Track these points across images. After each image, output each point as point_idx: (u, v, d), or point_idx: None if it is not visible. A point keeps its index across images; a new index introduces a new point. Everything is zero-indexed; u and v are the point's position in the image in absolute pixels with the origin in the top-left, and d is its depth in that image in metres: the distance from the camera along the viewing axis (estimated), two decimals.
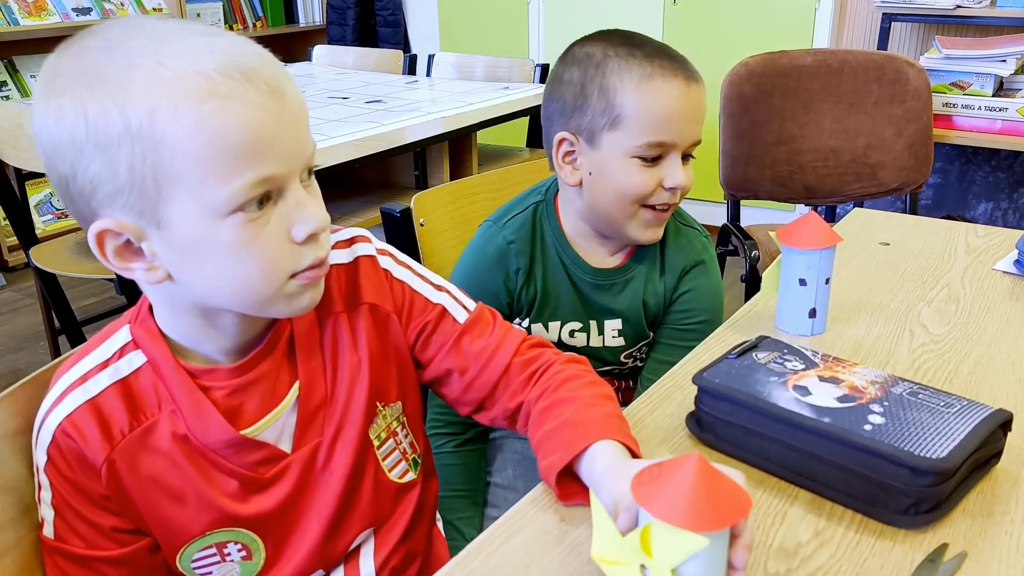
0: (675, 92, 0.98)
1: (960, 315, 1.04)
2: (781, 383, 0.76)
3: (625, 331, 1.12)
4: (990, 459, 0.73)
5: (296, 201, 0.66)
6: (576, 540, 0.67)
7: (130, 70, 0.60)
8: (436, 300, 0.84)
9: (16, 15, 3.43)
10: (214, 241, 0.64)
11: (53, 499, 0.72)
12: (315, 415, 0.77)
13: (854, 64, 2.30)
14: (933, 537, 0.66)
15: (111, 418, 0.71)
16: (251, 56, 0.63)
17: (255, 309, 0.70)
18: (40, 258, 2.32)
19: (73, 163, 0.62)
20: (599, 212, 1.05)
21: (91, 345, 0.74)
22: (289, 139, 0.65)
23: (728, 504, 0.52)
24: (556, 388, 0.79)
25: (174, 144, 0.60)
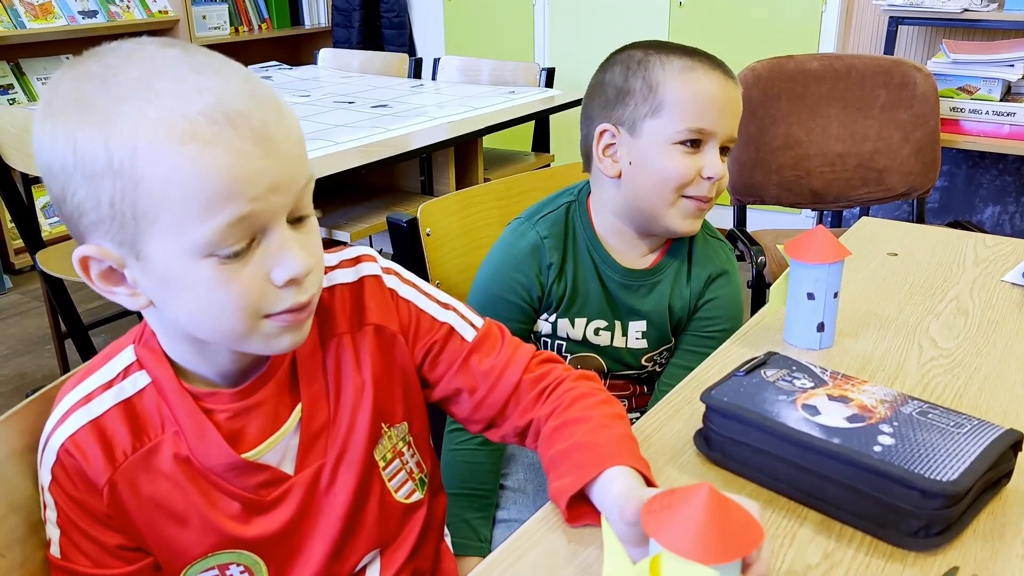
0: (715, 82, 1.02)
1: (969, 328, 1.04)
2: (790, 402, 0.76)
3: (649, 333, 1.14)
4: (1000, 480, 0.73)
5: (279, 244, 0.65)
6: (585, 561, 0.67)
7: (119, 104, 0.60)
8: (443, 319, 0.83)
9: (22, 18, 3.44)
10: (191, 279, 0.63)
11: (58, 518, 0.72)
12: (318, 437, 0.77)
13: (861, 69, 2.29)
14: (944, 560, 0.66)
15: (114, 439, 0.71)
16: (241, 99, 0.62)
17: (231, 344, 0.70)
18: (46, 262, 2.32)
19: (63, 187, 0.63)
20: (639, 202, 1.07)
21: (95, 364, 0.74)
22: (272, 185, 0.63)
23: (738, 535, 0.51)
24: (568, 407, 0.79)
25: (152, 185, 0.60)
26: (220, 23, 4.14)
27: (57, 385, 0.77)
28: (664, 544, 0.51)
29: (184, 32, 3.86)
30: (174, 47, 0.64)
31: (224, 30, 4.16)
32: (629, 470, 0.70)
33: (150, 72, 0.62)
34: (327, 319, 0.78)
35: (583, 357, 1.15)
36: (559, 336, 1.14)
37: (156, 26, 3.86)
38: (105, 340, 2.80)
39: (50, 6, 3.53)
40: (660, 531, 0.51)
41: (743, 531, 0.52)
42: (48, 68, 3.66)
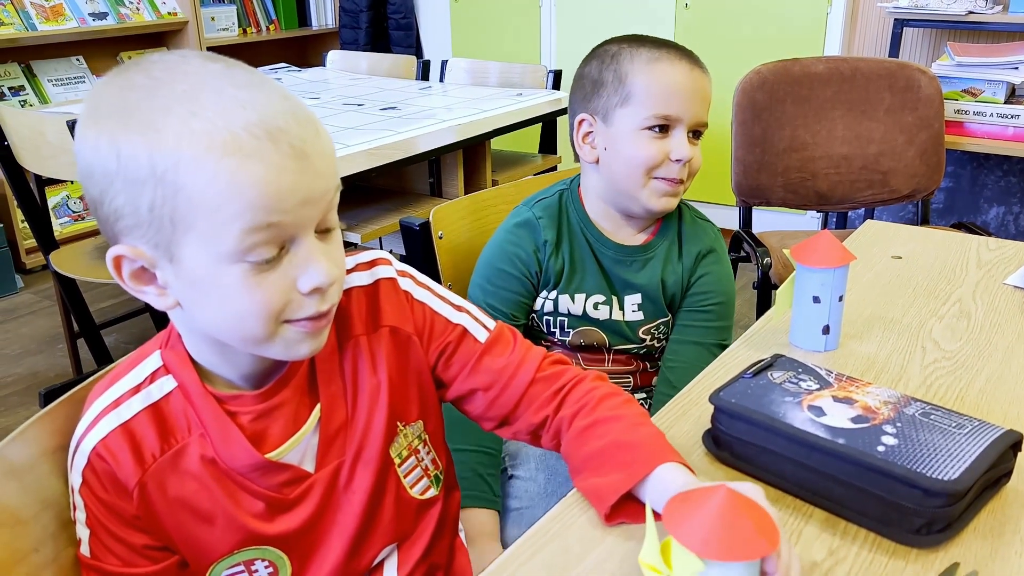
0: (680, 72, 1.11)
1: (972, 331, 1.06)
2: (796, 403, 0.78)
3: (644, 306, 1.21)
4: (1000, 479, 0.75)
5: (307, 254, 0.68)
6: (599, 558, 0.69)
7: (164, 115, 0.63)
8: (456, 320, 0.86)
9: (34, 20, 3.47)
10: (220, 284, 0.66)
11: (88, 519, 0.74)
12: (336, 436, 0.80)
13: (866, 71, 2.31)
14: (945, 556, 0.68)
15: (143, 442, 0.74)
16: (281, 116, 0.65)
17: (251, 348, 0.72)
18: (59, 262, 2.35)
19: (102, 191, 0.65)
20: (616, 185, 1.16)
21: (123, 369, 0.77)
22: (304, 199, 0.66)
23: (745, 541, 0.53)
24: (595, 406, 0.81)
25: (192, 194, 0.63)
26: (229, 24, 4.17)
27: (86, 387, 0.79)
28: (672, 532, 0.54)
29: (193, 33, 3.89)
30: (217, 62, 0.67)
31: (232, 31, 4.19)
32: (679, 466, 0.73)
33: (195, 85, 0.64)
34: (344, 321, 0.80)
35: (585, 331, 1.21)
36: (561, 312, 1.20)
37: (165, 27, 3.89)
38: (116, 340, 2.83)
39: (61, 8, 3.56)
40: (673, 520, 0.54)
41: (750, 538, 0.53)
42: (59, 69, 3.69)
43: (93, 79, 3.77)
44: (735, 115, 2.26)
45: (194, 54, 0.68)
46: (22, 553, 0.70)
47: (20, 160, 2.27)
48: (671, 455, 0.74)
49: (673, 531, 0.55)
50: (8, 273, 3.24)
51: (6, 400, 2.53)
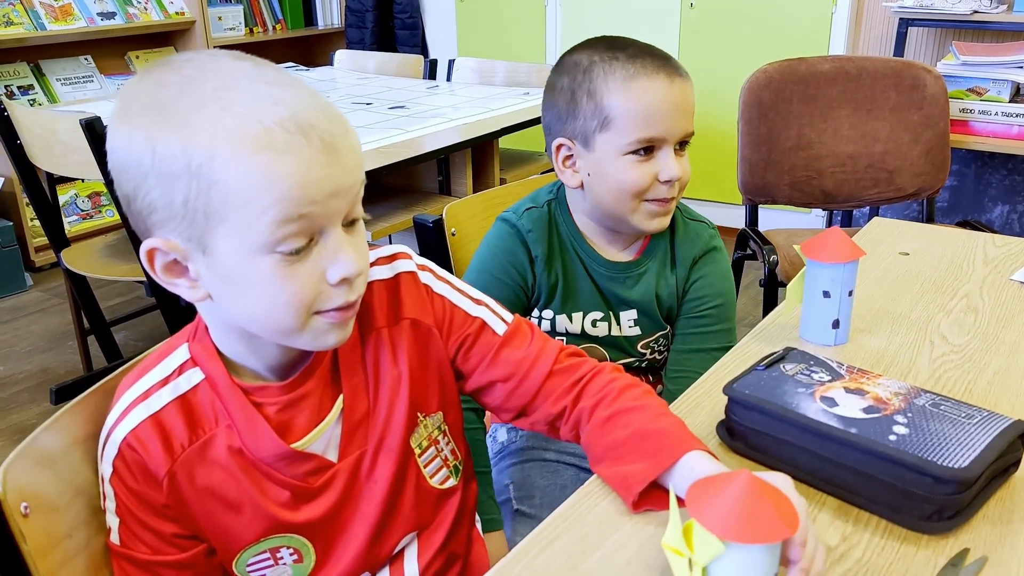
0: (659, 88, 1.04)
1: (979, 326, 1.08)
2: (809, 394, 0.80)
3: (640, 321, 1.18)
4: (1008, 468, 0.76)
5: (335, 245, 0.70)
6: (617, 543, 0.71)
7: (198, 111, 0.65)
8: (476, 314, 0.87)
9: (43, 20, 3.49)
10: (252, 275, 0.68)
11: (117, 508, 0.76)
12: (359, 427, 0.81)
13: (872, 71, 2.32)
14: (955, 542, 0.70)
15: (172, 432, 0.76)
16: (311, 111, 0.67)
17: (281, 339, 0.74)
18: (71, 260, 2.37)
19: (136, 186, 0.67)
20: (603, 209, 1.11)
21: (152, 362, 0.79)
22: (333, 191, 0.68)
23: (765, 524, 0.55)
24: (616, 397, 0.82)
25: (226, 187, 0.65)
26: (235, 24, 4.19)
27: (115, 378, 0.81)
28: (693, 514, 0.55)
29: (200, 33, 3.91)
30: (246, 60, 0.69)
31: (239, 31, 4.21)
32: (705, 454, 0.74)
33: (227, 83, 0.66)
34: (366, 314, 0.82)
35: (586, 349, 1.18)
36: (559, 332, 1.18)
37: (173, 27, 3.91)
38: (126, 337, 2.85)
39: (70, 8, 3.59)
40: (695, 502, 0.56)
41: (770, 522, 0.55)
42: (67, 69, 3.71)
43: (101, 78, 3.79)
44: (741, 114, 2.28)
45: (223, 53, 0.70)
46: (57, 538, 0.72)
47: (32, 158, 2.29)
48: (696, 443, 0.75)
49: (695, 514, 0.56)
50: (17, 271, 3.26)
51: (18, 396, 2.55)
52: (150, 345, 0.83)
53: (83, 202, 3.67)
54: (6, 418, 2.44)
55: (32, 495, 0.70)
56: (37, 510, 0.70)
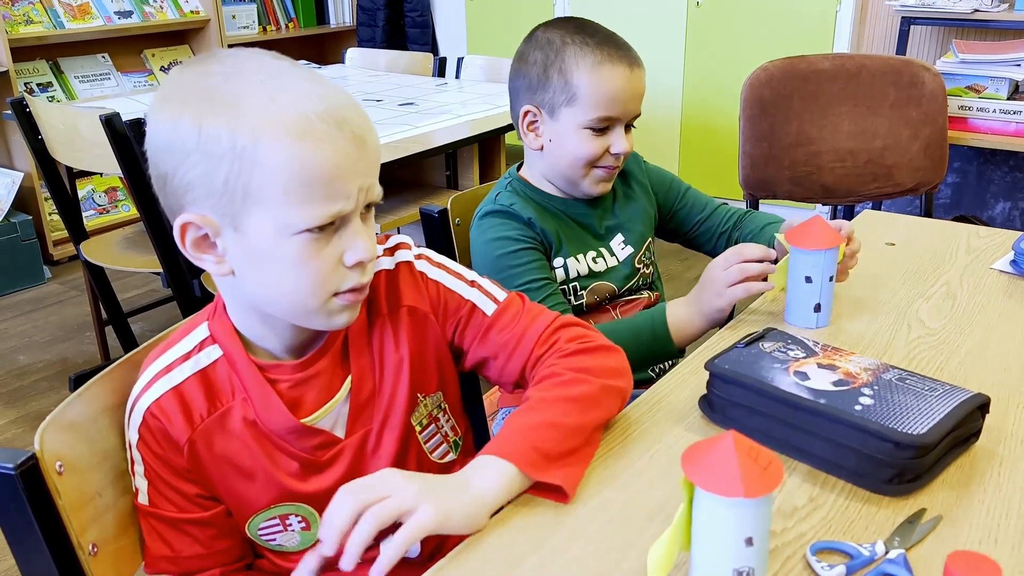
0: (621, 76, 1.20)
1: (956, 311, 1.13)
2: (783, 369, 0.86)
3: (629, 238, 1.33)
4: (969, 438, 0.82)
5: (353, 231, 0.77)
6: (604, 499, 0.77)
7: (246, 99, 0.71)
8: (467, 296, 0.92)
9: (62, 18, 3.57)
10: (278, 253, 0.74)
11: (146, 471, 0.83)
12: (365, 406, 0.88)
13: (872, 68, 2.37)
14: (914, 503, 0.75)
15: (192, 404, 0.82)
16: (345, 107, 0.74)
17: (298, 319, 0.80)
18: (90, 252, 2.44)
19: (176, 164, 0.73)
20: (557, 171, 1.27)
21: (175, 338, 0.85)
22: (360, 180, 0.75)
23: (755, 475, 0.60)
24: (536, 384, 0.86)
25: (267, 169, 0.71)
26: (249, 22, 4.27)
27: (142, 351, 0.88)
28: (695, 481, 0.61)
29: (214, 31, 3.98)
30: (283, 59, 0.77)
31: (253, 29, 4.29)
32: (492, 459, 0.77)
33: (271, 76, 0.73)
34: (373, 302, 0.88)
35: (595, 287, 1.29)
36: (571, 278, 1.28)
37: (188, 25, 3.99)
38: (142, 328, 2.93)
39: (88, 7, 3.67)
40: (694, 471, 0.61)
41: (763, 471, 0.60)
42: (85, 66, 3.79)
43: (118, 76, 3.87)
44: (743, 110, 2.33)
45: (260, 52, 0.78)
46: (88, 496, 0.79)
47: (53, 153, 2.37)
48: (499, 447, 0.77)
49: (691, 476, 0.61)
50: (36, 264, 3.34)
51: (38, 385, 2.63)
52: None
53: (100, 197, 3.75)
54: (27, 405, 2.52)
55: (65, 456, 0.76)
56: (70, 470, 0.76)
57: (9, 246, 3.24)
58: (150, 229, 2.19)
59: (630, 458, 0.83)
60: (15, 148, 3.42)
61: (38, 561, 0.74)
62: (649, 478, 0.80)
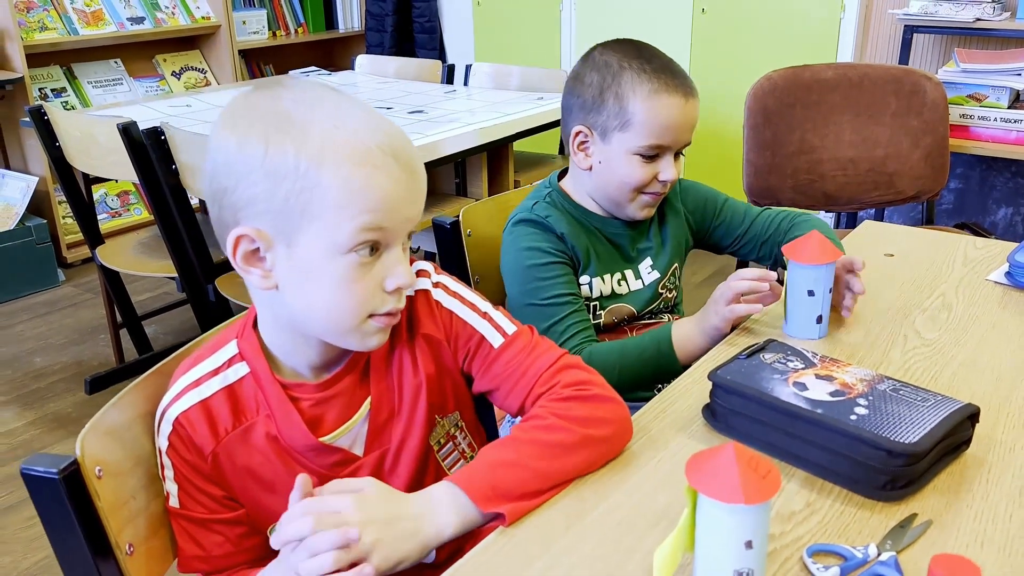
0: (675, 107, 1.21)
1: (951, 322, 1.17)
2: (783, 380, 0.90)
3: (657, 263, 1.35)
4: (960, 446, 0.86)
5: (395, 258, 0.82)
6: (611, 504, 0.81)
7: (313, 125, 0.77)
8: (477, 327, 0.95)
9: (76, 24, 3.63)
10: (325, 271, 0.79)
11: (175, 476, 0.87)
12: (384, 427, 0.92)
13: (874, 77, 2.41)
14: (906, 509, 0.80)
15: (218, 417, 0.87)
16: (401, 140, 0.80)
17: (333, 337, 0.85)
18: (105, 256, 2.49)
19: (239, 180, 0.78)
20: (605, 194, 1.29)
21: (204, 353, 0.90)
22: (408, 209, 0.81)
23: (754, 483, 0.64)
24: (524, 420, 0.89)
25: (326, 191, 0.76)
26: (259, 28, 4.31)
27: (171, 362, 0.92)
28: (699, 488, 0.65)
29: (225, 37, 4.03)
30: (343, 92, 0.82)
31: (263, 35, 4.33)
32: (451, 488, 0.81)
33: (336, 106, 0.79)
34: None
35: (614, 308, 1.32)
36: (594, 296, 1.31)
37: (199, 31, 4.04)
38: (156, 331, 2.97)
39: (101, 13, 3.72)
40: (698, 479, 0.65)
41: (762, 480, 0.64)
42: (98, 72, 3.85)
43: (130, 81, 3.93)
44: (746, 119, 2.37)
45: (323, 83, 0.84)
46: (123, 499, 0.83)
47: (70, 160, 2.42)
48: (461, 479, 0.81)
49: (694, 483, 0.65)
50: (50, 267, 3.40)
51: (54, 387, 2.68)
52: (179, 339, 0.95)
53: (112, 201, 3.81)
54: (44, 407, 2.57)
55: (103, 461, 0.81)
56: (107, 474, 0.81)
57: (24, 249, 3.30)
58: (165, 234, 2.24)
59: (636, 464, 0.87)
60: (30, 153, 3.47)
61: (79, 560, 0.78)
62: (654, 483, 0.84)
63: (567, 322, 1.21)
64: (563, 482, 0.84)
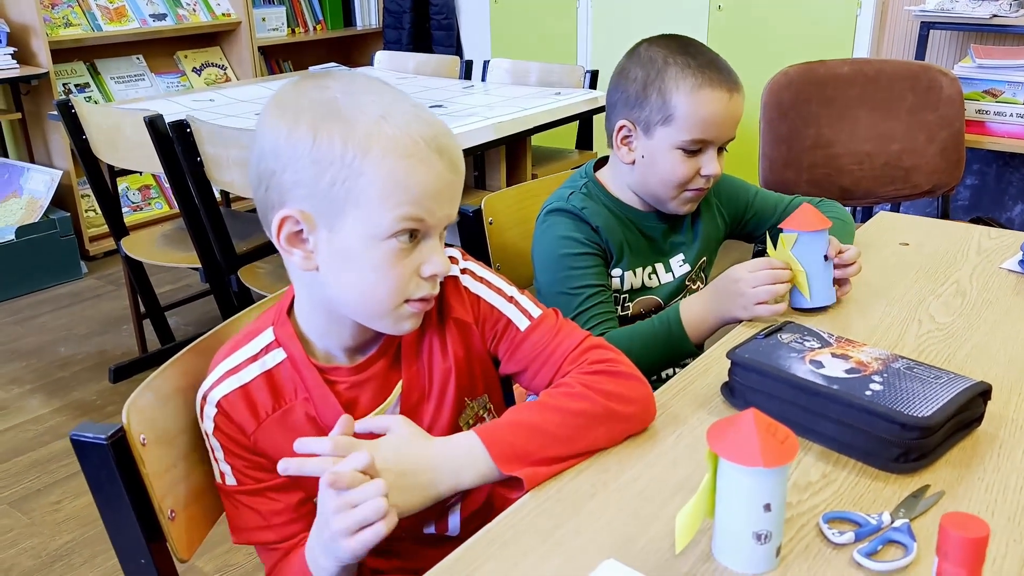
0: (719, 100, 1.22)
1: (965, 307, 1.19)
2: (800, 358, 0.93)
3: (688, 256, 1.37)
4: (972, 422, 0.89)
5: (432, 247, 0.85)
6: (634, 474, 0.84)
7: (361, 115, 0.80)
8: (503, 311, 0.98)
9: (99, 21, 3.68)
10: (365, 256, 0.82)
11: (226, 456, 0.91)
12: (415, 409, 0.95)
13: (890, 73, 2.43)
14: (919, 480, 0.82)
15: (258, 401, 0.90)
16: (446, 135, 0.83)
17: (368, 319, 0.88)
18: (130, 247, 2.54)
19: (286, 164, 0.81)
20: (647, 189, 1.30)
21: (242, 340, 0.93)
22: (448, 202, 0.84)
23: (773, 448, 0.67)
24: (552, 387, 0.92)
25: (370, 180, 0.80)
26: (278, 24, 4.36)
27: (205, 341, 0.96)
28: (719, 453, 0.68)
29: (245, 33, 4.08)
30: (388, 84, 0.85)
31: (282, 31, 4.38)
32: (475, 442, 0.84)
33: (382, 98, 0.82)
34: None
35: (642, 300, 1.34)
36: (625, 289, 1.33)
37: (220, 28, 4.09)
38: (177, 322, 3.02)
39: (124, 9, 3.78)
40: (719, 444, 0.68)
41: (780, 445, 0.68)
42: (120, 68, 3.90)
43: (152, 77, 3.98)
44: (763, 114, 2.40)
45: (366, 76, 0.86)
46: (166, 467, 0.87)
47: (97, 152, 2.46)
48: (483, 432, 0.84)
49: (716, 448, 0.68)
50: (74, 259, 3.45)
51: (79, 375, 2.73)
52: (200, 329, 0.99)
53: (134, 194, 3.86)
54: (69, 395, 2.62)
55: (147, 429, 0.85)
56: (151, 442, 0.85)
57: (48, 242, 3.35)
58: (189, 225, 2.29)
59: (657, 438, 0.90)
60: (54, 147, 3.53)
61: (125, 524, 0.82)
62: (674, 456, 0.87)
63: (593, 311, 1.23)
64: (582, 453, 0.87)
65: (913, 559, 0.72)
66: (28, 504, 2.11)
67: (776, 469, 0.67)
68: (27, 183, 3.47)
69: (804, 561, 0.72)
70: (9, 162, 3.55)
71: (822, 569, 0.71)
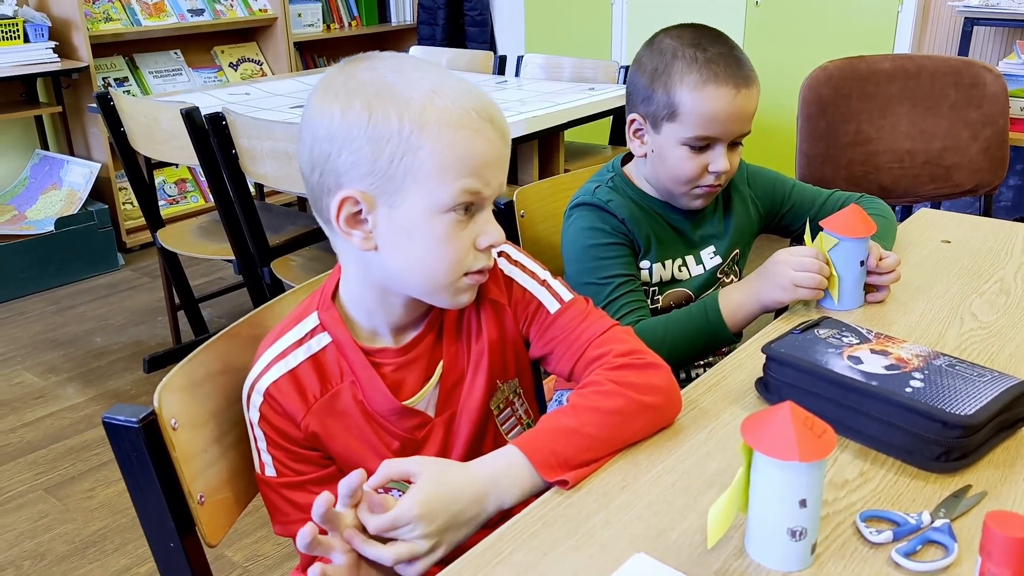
0: (724, 97, 1.18)
1: (1009, 306, 1.16)
2: (838, 354, 0.91)
3: (719, 248, 1.35)
4: (1016, 422, 0.86)
5: (486, 218, 0.86)
6: (665, 467, 0.83)
7: (414, 91, 0.80)
8: (536, 294, 0.98)
9: (138, 16, 3.73)
10: (425, 230, 0.83)
11: (268, 447, 0.91)
12: (453, 390, 0.95)
13: (932, 69, 2.38)
14: (960, 480, 0.80)
15: (306, 385, 0.90)
16: (493, 106, 0.84)
17: (427, 294, 0.88)
18: (165, 239, 2.57)
19: (342, 146, 0.81)
20: (659, 183, 1.30)
21: (287, 326, 0.93)
22: (500, 171, 0.85)
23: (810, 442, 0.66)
24: (581, 387, 0.91)
25: (429, 153, 0.80)
26: (314, 20, 4.39)
27: (243, 322, 0.96)
28: (754, 446, 0.66)
29: (281, 29, 4.11)
30: (433, 63, 0.86)
31: (317, 27, 4.41)
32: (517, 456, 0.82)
33: (431, 74, 0.82)
34: None
35: (672, 293, 1.33)
36: (654, 281, 1.31)
37: (256, 23, 4.12)
38: (211, 314, 3.05)
39: (163, 4, 3.82)
40: (754, 437, 0.67)
41: (818, 439, 0.66)
42: (158, 62, 3.95)
43: (189, 71, 4.02)
44: (800, 109, 2.36)
45: (409, 55, 0.87)
46: (196, 451, 0.87)
47: (134, 145, 2.49)
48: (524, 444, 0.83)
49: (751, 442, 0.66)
50: (111, 251, 3.50)
51: (114, 365, 2.77)
52: (233, 321, 0.98)
53: (170, 188, 3.91)
54: (104, 384, 2.66)
55: (178, 414, 0.85)
56: (182, 427, 0.85)
57: (86, 234, 3.40)
58: (224, 217, 2.30)
59: (690, 432, 0.89)
60: (92, 140, 3.58)
61: (155, 508, 0.83)
62: (707, 450, 0.86)
63: (623, 300, 1.22)
64: (618, 449, 0.86)
65: (954, 560, 0.70)
66: (63, 491, 2.14)
67: (813, 464, 0.65)
68: (67, 175, 3.53)
69: (840, 559, 0.71)
70: (49, 155, 3.61)
71: (859, 568, 0.70)
